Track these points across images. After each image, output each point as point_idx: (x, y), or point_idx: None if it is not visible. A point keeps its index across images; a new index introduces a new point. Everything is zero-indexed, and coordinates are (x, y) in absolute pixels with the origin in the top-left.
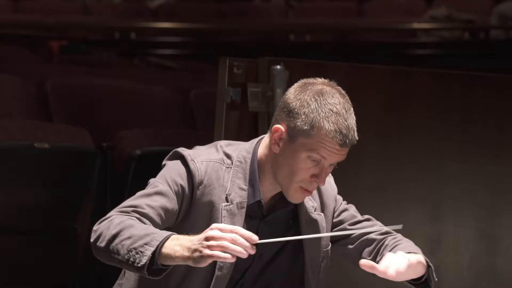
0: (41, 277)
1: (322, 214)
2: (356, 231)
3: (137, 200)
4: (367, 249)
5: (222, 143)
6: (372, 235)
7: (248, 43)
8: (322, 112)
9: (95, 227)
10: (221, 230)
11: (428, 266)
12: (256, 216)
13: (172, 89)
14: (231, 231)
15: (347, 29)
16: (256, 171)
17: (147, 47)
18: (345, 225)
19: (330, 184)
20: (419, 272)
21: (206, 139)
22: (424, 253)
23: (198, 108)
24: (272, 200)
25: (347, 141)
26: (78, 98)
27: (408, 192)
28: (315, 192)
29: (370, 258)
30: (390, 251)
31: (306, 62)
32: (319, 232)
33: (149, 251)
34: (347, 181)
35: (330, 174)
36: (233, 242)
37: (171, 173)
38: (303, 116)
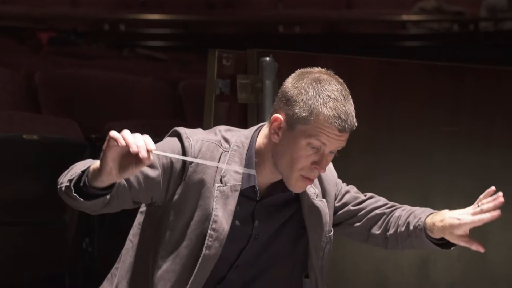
0: (30, 268)
1: (324, 200)
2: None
3: None
4: (376, 225)
5: (222, 127)
6: (379, 210)
7: (237, 35)
8: (320, 98)
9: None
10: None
11: None
12: (252, 198)
13: (161, 80)
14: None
15: (336, 20)
16: (253, 157)
17: (136, 38)
18: (349, 206)
19: (330, 170)
20: None
21: None
22: None
23: (187, 100)
24: (271, 186)
25: (346, 126)
26: (67, 89)
27: (397, 183)
28: (317, 179)
29: (379, 232)
30: (407, 218)
31: (295, 54)
32: (322, 219)
33: (75, 175)
34: (336, 171)
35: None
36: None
37: (165, 147)
38: (301, 103)
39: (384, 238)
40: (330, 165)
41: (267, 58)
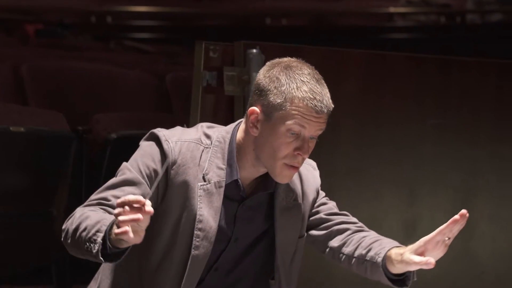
0: (17, 260)
1: (300, 203)
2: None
3: (103, 192)
4: (337, 237)
5: (204, 124)
6: (347, 225)
7: (224, 27)
8: (293, 83)
9: (63, 226)
10: (118, 204)
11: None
12: (235, 199)
13: (148, 72)
14: (122, 203)
15: (324, 13)
16: (234, 151)
17: (123, 31)
18: (321, 214)
19: (313, 176)
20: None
21: (182, 123)
22: (400, 236)
23: (174, 92)
24: (254, 183)
25: (323, 106)
26: (54, 81)
27: (384, 176)
28: (297, 181)
29: (337, 245)
30: (372, 243)
31: (282, 46)
32: (293, 220)
33: (99, 237)
34: (323, 165)
35: (315, 167)
36: (124, 213)
37: (144, 157)
38: (274, 91)
39: (339, 252)
40: (316, 173)
41: (254, 50)
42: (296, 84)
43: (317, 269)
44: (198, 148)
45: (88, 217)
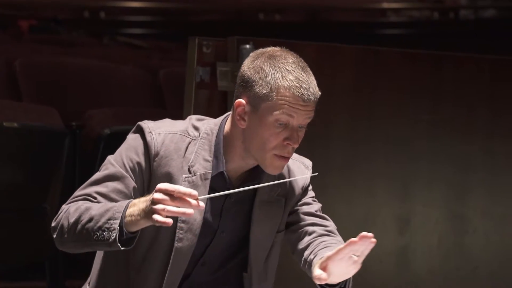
0: (11, 256)
1: (283, 200)
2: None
3: (87, 188)
4: (303, 240)
5: (194, 116)
6: (314, 228)
7: (218, 22)
8: (278, 72)
9: (52, 224)
10: (164, 191)
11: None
12: (222, 191)
13: (141, 68)
14: (166, 190)
15: (317, 8)
16: (221, 143)
17: (116, 26)
18: (298, 212)
19: (302, 174)
20: None
21: (175, 119)
22: (393, 232)
23: (167, 88)
24: (243, 176)
25: (309, 94)
26: (47, 77)
27: (377, 171)
28: (286, 177)
29: (301, 247)
30: (321, 249)
31: (275, 42)
32: (271, 215)
33: (115, 224)
34: (316, 160)
35: (308, 166)
36: (170, 203)
37: (128, 150)
38: (260, 82)
39: (300, 255)
40: (306, 172)
41: (247, 46)
42: (281, 74)
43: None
44: (184, 140)
45: (89, 208)
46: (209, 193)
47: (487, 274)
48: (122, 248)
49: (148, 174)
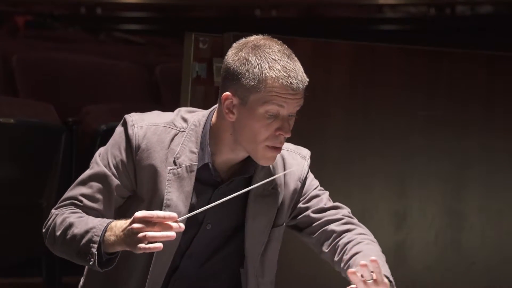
0: (7, 251)
1: (278, 192)
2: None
3: (74, 190)
4: (326, 242)
5: (184, 108)
6: (331, 226)
7: (214, 18)
8: (264, 63)
9: (43, 230)
10: (142, 219)
11: (390, 281)
12: (209, 184)
13: (137, 64)
14: (144, 218)
15: (313, 4)
16: (207, 135)
17: (112, 22)
18: (309, 212)
19: (298, 165)
20: None
21: None
22: (390, 228)
23: (163, 83)
24: (233, 169)
25: (298, 82)
26: (44, 73)
27: (374, 167)
28: (280, 170)
29: (327, 251)
30: (351, 257)
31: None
32: (266, 209)
33: (94, 248)
34: (313, 156)
35: (304, 156)
36: (151, 229)
37: (113, 146)
38: (247, 74)
39: (331, 260)
40: (302, 162)
41: None
42: (268, 64)
43: (308, 263)
44: (168, 131)
45: (72, 225)
46: (194, 185)
47: (484, 269)
48: (102, 270)
49: (133, 168)
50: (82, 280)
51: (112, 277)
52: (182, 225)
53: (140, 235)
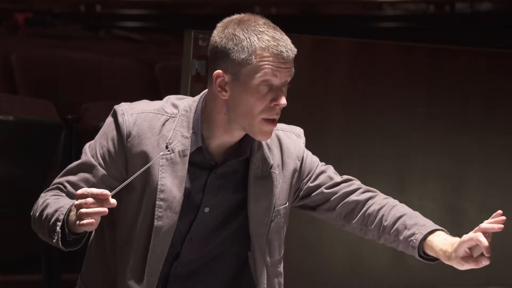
0: (6, 249)
1: (276, 172)
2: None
3: (62, 177)
4: (351, 213)
5: (173, 96)
6: (353, 197)
7: (213, 16)
8: (252, 35)
9: (31, 212)
10: (80, 196)
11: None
12: (205, 168)
13: (137, 62)
14: (82, 195)
15: (313, 1)
16: (199, 119)
17: (112, 19)
18: (322, 189)
19: (294, 144)
20: None
21: None
22: None
23: (163, 81)
24: (228, 151)
25: (288, 50)
26: (43, 70)
27: (373, 164)
28: (277, 150)
29: (354, 222)
30: (394, 224)
31: None
32: (266, 190)
33: (58, 227)
34: (312, 152)
35: (299, 135)
36: (87, 206)
37: (102, 137)
38: (235, 48)
39: (361, 230)
40: (298, 141)
41: None
42: (256, 36)
43: (308, 260)
44: (158, 118)
45: (48, 205)
46: (189, 169)
47: (483, 267)
48: (66, 250)
49: (123, 157)
50: (83, 269)
51: (111, 266)
52: (113, 201)
53: (81, 210)
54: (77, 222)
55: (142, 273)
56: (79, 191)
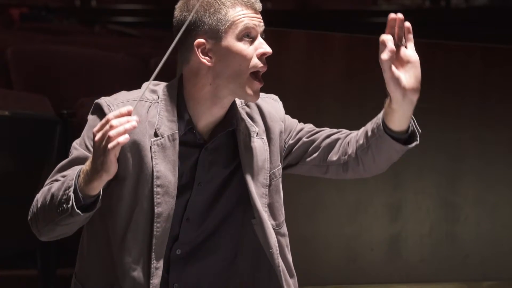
0: (1, 244)
1: (264, 137)
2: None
3: (54, 176)
4: (333, 151)
5: (148, 82)
6: (334, 136)
7: None
8: None
9: (29, 217)
10: (99, 129)
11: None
12: (195, 146)
13: (132, 56)
14: (107, 122)
15: None
16: (184, 101)
17: (107, 14)
18: (303, 139)
19: (275, 108)
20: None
21: None
22: (385, 220)
23: (159, 76)
24: (212, 128)
25: (257, 1)
26: (39, 65)
27: None
28: (258, 116)
29: (336, 158)
30: (364, 131)
31: (267, 30)
32: (258, 155)
33: (70, 192)
34: None
35: (276, 99)
36: (114, 127)
37: (89, 131)
38: (207, 14)
39: (342, 164)
40: (276, 104)
41: None
42: None
43: (304, 255)
44: (142, 104)
45: (50, 188)
46: (180, 150)
47: (478, 262)
48: (83, 214)
49: None
50: (76, 267)
51: (107, 262)
52: (137, 117)
53: (105, 141)
54: (109, 145)
55: (148, 262)
56: (97, 127)
